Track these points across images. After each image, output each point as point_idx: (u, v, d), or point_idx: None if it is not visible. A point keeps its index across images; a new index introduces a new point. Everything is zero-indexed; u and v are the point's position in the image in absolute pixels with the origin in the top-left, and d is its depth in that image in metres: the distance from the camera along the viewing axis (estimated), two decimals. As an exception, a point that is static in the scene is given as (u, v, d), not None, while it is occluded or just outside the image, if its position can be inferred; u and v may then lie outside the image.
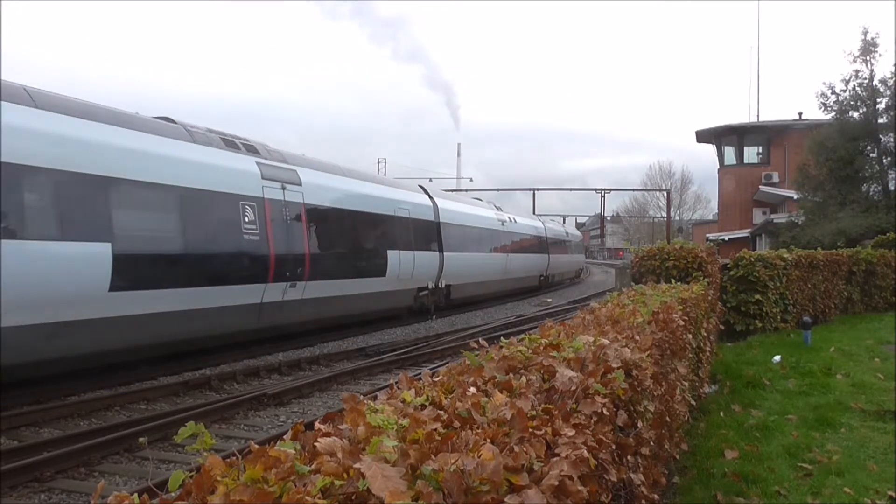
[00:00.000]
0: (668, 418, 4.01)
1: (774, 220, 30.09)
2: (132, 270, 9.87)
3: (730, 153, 36.75)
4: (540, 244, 33.26)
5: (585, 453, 1.72)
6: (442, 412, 1.83)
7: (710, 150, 42.75)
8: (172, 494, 1.36)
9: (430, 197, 21.40)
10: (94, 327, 9.33)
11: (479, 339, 3.17)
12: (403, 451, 1.46)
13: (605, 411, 2.13)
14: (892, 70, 25.50)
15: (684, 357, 5.26)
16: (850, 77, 25.91)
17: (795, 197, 28.02)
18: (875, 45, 25.28)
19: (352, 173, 16.93)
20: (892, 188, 25.46)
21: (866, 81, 25.68)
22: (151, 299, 10.24)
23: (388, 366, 12.24)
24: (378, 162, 65.25)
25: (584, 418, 1.99)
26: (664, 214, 56.16)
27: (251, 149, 13.20)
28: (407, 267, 18.12)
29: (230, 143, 12.70)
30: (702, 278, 8.82)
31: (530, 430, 1.73)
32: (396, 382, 2.34)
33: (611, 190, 55.86)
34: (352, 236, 16.10)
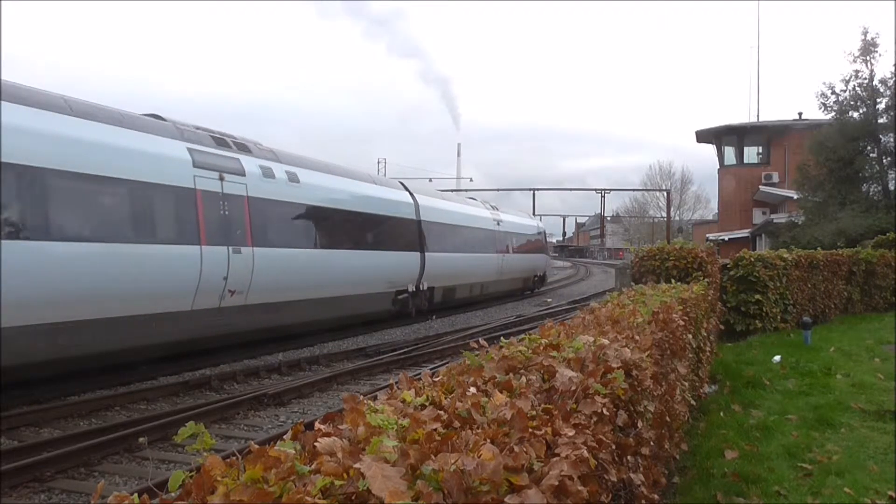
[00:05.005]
0: (668, 418, 4.01)
1: (774, 220, 30.08)
2: None
3: (730, 153, 36.74)
4: (398, 232, 18.42)
5: (585, 453, 1.72)
6: (442, 412, 1.83)
7: (710, 150, 42.80)
8: (172, 494, 1.36)
9: None
10: None
11: (479, 339, 3.17)
12: (403, 451, 1.46)
13: (605, 411, 2.12)
14: (892, 70, 25.57)
15: (684, 357, 5.26)
16: (850, 77, 25.94)
17: (795, 197, 28.01)
18: (875, 45, 25.30)
19: None
20: (892, 188, 25.45)
21: (866, 81, 25.68)
22: None
23: (387, 366, 12.23)
24: (378, 162, 65.24)
25: (584, 418, 1.99)
26: (664, 214, 56.18)
27: None
28: None
29: None
30: (702, 278, 8.81)
31: (530, 430, 1.73)
32: (396, 382, 2.34)
33: (611, 190, 56.11)
34: None
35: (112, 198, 10.02)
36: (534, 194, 46.96)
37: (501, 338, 3.25)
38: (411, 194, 19.94)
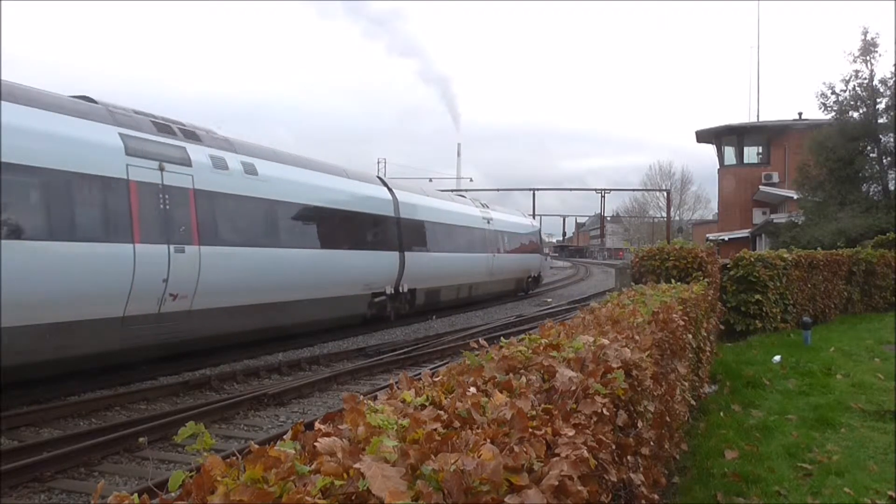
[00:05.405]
0: (668, 418, 4.01)
1: (774, 220, 30.09)
2: None
3: (730, 153, 36.77)
4: (375, 230, 16.94)
5: (585, 453, 1.72)
6: (442, 412, 1.83)
7: (710, 150, 42.80)
8: (172, 494, 1.36)
9: None
10: None
11: (479, 339, 3.17)
12: (403, 451, 1.46)
13: (605, 411, 2.12)
14: (892, 70, 25.58)
15: (684, 357, 5.26)
16: (850, 77, 25.95)
17: (795, 197, 28.02)
18: (875, 45, 25.30)
19: None
20: (892, 188, 25.45)
21: (866, 81, 25.68)
22: None
23: (387, 366, 12.23)
24: (378, 162, 65.34)
25: (584, 418, 1.99)
26: (664, 214, 56.25)
27: None
28: None
29: None
30: (702, 278, 8.81)
31: (530, 430, 1.73)
32: (396, 382, 2.34)
33: (611, 190, 56.42)
34: None
35: (17, 187, 8.54)
36: (533, 194, 47.17)
37: (501, 338, 3.25)
38: (390, 190, 18.44)
